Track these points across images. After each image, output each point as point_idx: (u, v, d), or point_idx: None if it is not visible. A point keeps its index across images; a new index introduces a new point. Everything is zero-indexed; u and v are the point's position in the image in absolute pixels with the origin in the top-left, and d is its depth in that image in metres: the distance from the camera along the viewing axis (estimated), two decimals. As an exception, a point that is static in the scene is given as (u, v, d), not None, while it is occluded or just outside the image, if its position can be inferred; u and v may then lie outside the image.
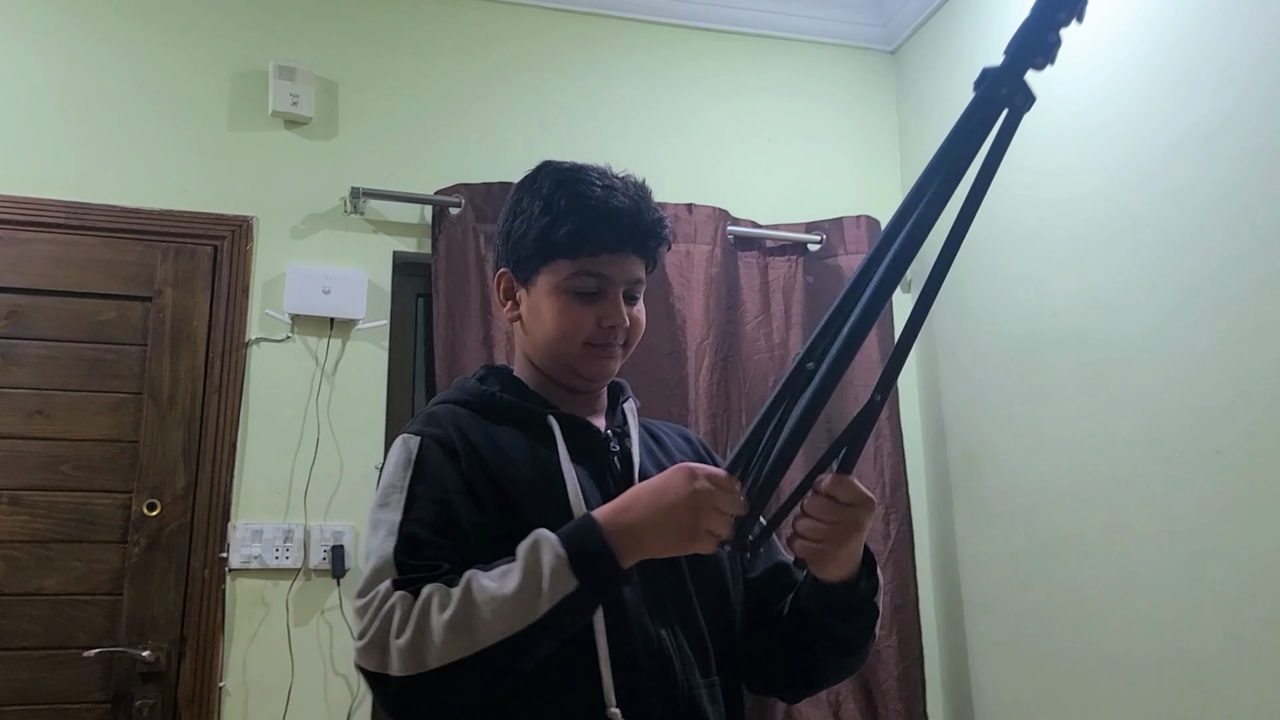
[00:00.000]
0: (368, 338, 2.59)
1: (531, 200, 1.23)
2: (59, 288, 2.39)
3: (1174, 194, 2.08)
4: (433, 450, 1.14)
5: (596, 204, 1.18)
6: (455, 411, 1.20)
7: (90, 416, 2.37)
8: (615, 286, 1.21)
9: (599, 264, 1.20)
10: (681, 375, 2.68)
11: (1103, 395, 2.24)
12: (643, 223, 1.22)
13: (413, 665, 0.98)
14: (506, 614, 0.96)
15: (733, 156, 2.98)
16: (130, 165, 2.51)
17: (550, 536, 1.01)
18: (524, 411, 1.22)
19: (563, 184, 1.21)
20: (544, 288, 1.22)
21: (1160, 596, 2.05)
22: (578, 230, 1.18)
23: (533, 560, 0.99)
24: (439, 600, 0.99)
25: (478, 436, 1.17)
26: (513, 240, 1.25)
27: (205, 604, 2.33)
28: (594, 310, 1.21)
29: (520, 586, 0.97)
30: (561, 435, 1.20)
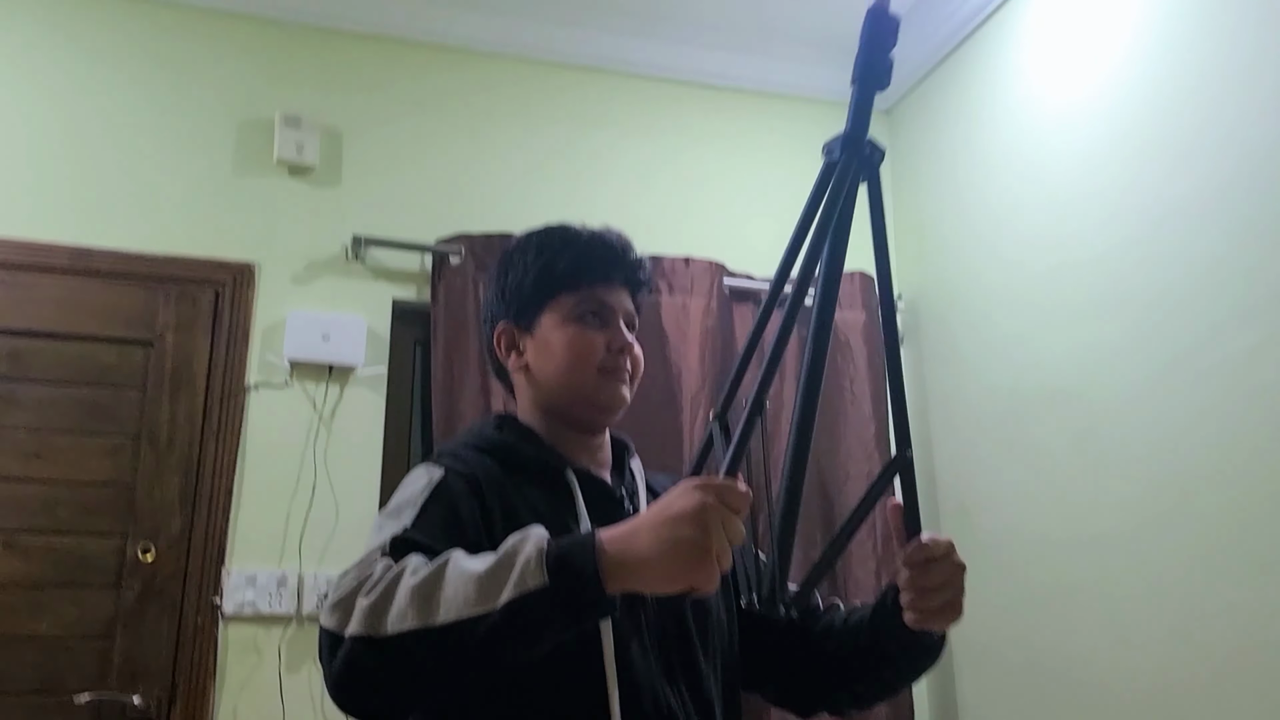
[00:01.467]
0: (366, 384, 2.60)
1: (523, 253, 1.30)
2: (61, 331, 2.41)
3: (1160, 261, 2.13)
4: (456, 481, 1.12)
5: (589, 240, 1.30)
6: (478, 457, 1.20)
7: (87, 460, 2.37)
8: (615, 314, 1.29)
9: (599, 293, 1.28)
10: (676, 426, 2.70)
11: (1092, 454, 2.27)
12: (630, 258, 1.32)
13: (366, 628, 0.91)
14: (467, 594, 0.89)
15: (729, 210, 3.03)
16: (135, 210, 2.54)
17: (540, 531, 0.95)
18: (542, 465, 1.23)
19: (551, 231, 1.32)
20: (550, 324, 1.27)
21: (1147, 653, 2.07)
22: (575, 261, 1.27)
23: (512, 549, 0.92)
24: (414, 567, 0.93)
25: (502, 485, 1.17)
26: (509, 292, 1.30)
27: (197, 650, 2.32)
28: (602, 335, 1.27)
29: (489, 570, 0.90)
30: (581, 494, 1.21)
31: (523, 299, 1.29)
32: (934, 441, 2.88)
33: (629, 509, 1.27)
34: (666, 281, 2.80)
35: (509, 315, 1.31)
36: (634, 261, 1.32)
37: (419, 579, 0.91)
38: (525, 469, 1.21)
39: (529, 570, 0.89)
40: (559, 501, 1.20)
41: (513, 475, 1.20)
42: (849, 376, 2.88)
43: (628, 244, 1.32)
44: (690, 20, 3.02)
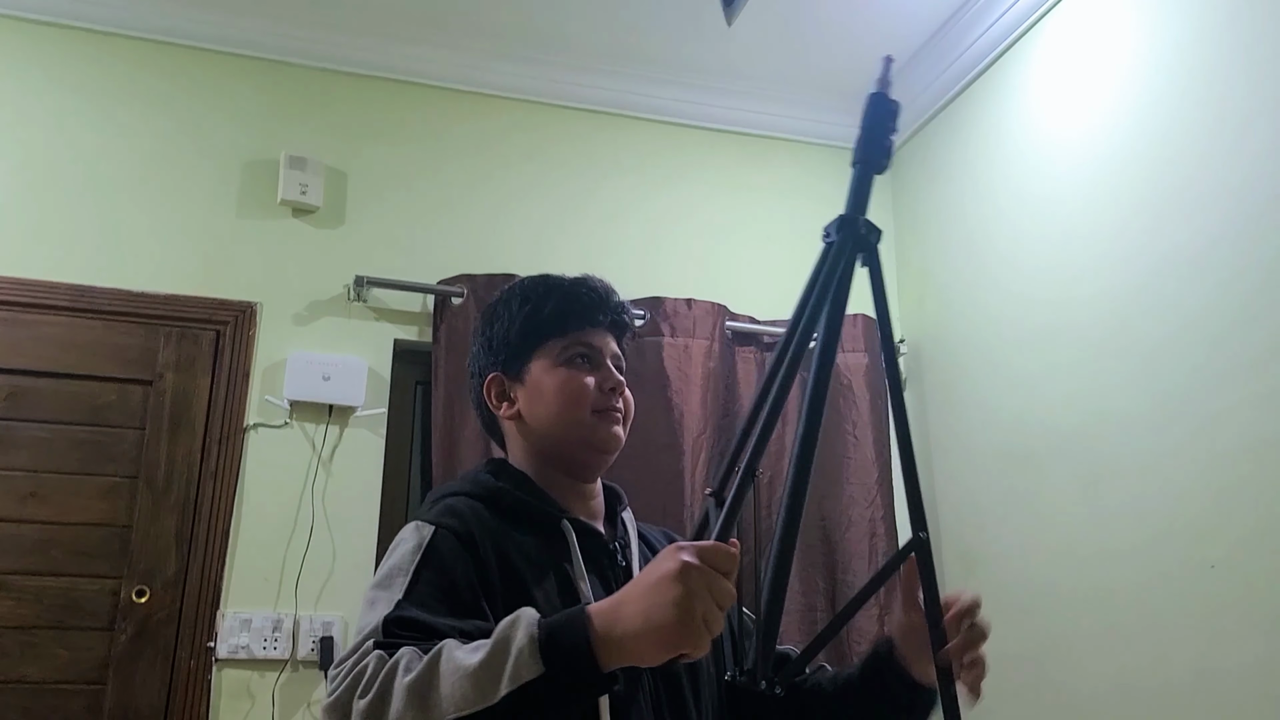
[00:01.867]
0: (366, 425, 2.59)
1: (507, 305, 1.32)
2: (60, 370, 2.40)
3: (1167, 306, 2.12)
4: (447, 540, 1.10)
5: (571, 285, 1.32)
6: (472, 505, 1.18)
7: (84, 500, 2.35)
8: (603, 355, 1.30)
9: (586, 336, 1.29)
10: (678, 469, 2.68)
11: (1098, 503, 2.25)
12: (612, 302, 1.33)
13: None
14: (464, 691, 0.87)
15: (732, 253, 3.03)
16: (138, 250, 2.54)
17: (530, 615, 0.92)
18: (538, 513, 1.22)
19: (534, 281, 1.33)
20: (539, 370, 1.28)
21: (1154, 707, 2.04)
22: (560, 306, 1.29)
23: (504, 637, 0.90)
24: (407, 663, 0.91)
25: (497, 535, 1.15)
26: (497, 343, 1.31)
27: (190, 695, 2.29)
28: (594, 375, 1.27)
29: (484, 663, 0.88)
30: (578, 545, 1.20)
31: (510, 348, 1.30)
32: (936, 488, 2.86)
33: (622, 561, 1.26)
34: (669, 323, 2.80)
35: (498, 365, 1.31)
36: (616, 304, 1.33)
37: (413, 676, 0.90)
38: (521, 517, 1.20)
39: (523, 660, 0.88)
40: (554, 551, 1.19)
41: (507, 523, 1.18)
42: (851, 420, 2.86)
43: (609, 288, 1.34)
44: (696, 66, 3.04)
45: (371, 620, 1.00)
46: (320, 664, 2.36)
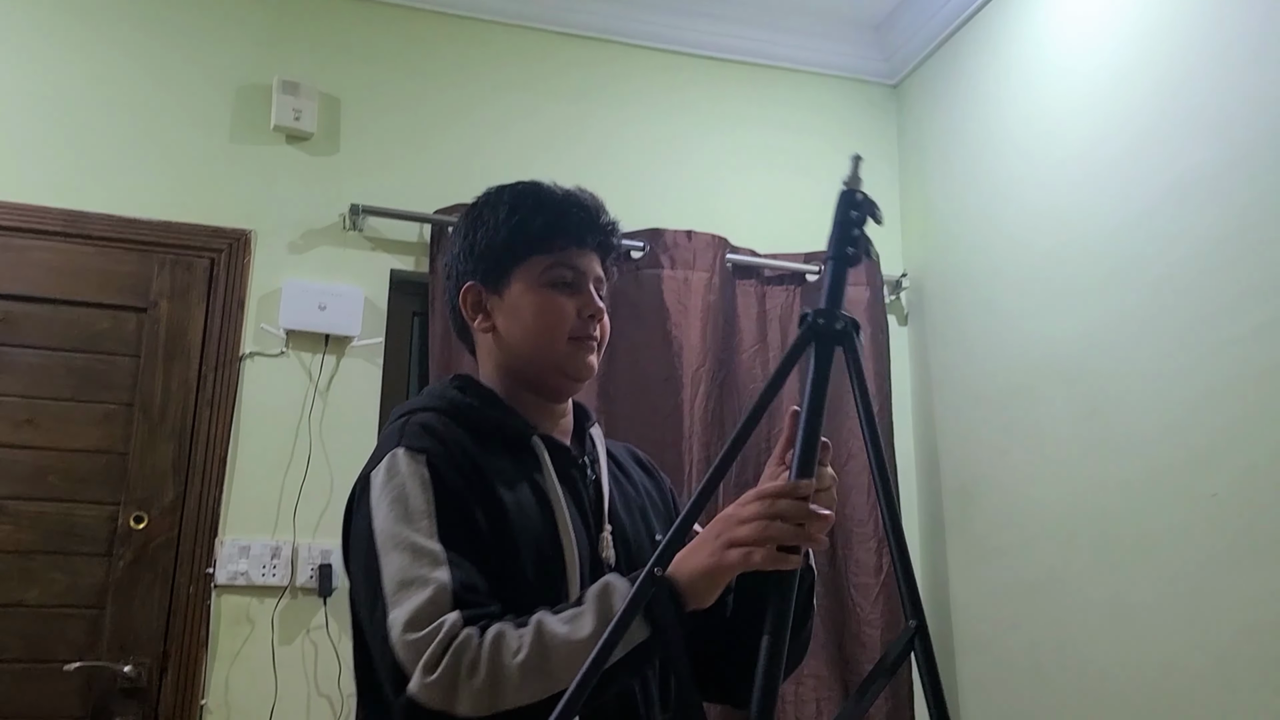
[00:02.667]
0: (362, 355, 2.57)
1: (494, 210, 1.26)
2: (54, 296, 2.38)
3: (1171, 236, 2.09)
4: (446, 471, 1.10)
5: (562, 201, 1.26)
6: (444, 423, 1.16)
7: (79, 427, 2.34)
8: (587, 279, 1.26)
9: (570, 256, 1.24)
10: (676, 402, 2.67)
11: (1098, 435, 2.24)
12: (603, 221, 1.29)
13: (486, 706, 0.96)
14: (581, 659, 0.91)
15: (733, 185, 2.99)
16: (130, 175, 2.50)
17: (620, 583, 1.00)
18: (509, 430, 1.21)
19: (524, 190, 1.27)
20: (519, 287, 1.24)
21: (1152, 638, 2.04)
22: (549, 223, 1.23)
23: (604, 605, 0.98)
24: (510, 642, 0.97)
25: (475, 455, 1.15)
26: (479, 250, 1.26)
27: (189, 620, 2.30)
28: (573, 301, 1.24)
29: (594, 632, 0.97)
30: (550, 461, 1.19)
31: (492, 259, 1.25)
32: (936, 422, 2.85)
33: (591, 475, 1.26)
34: (668, 255, 2.77)
35: (476, 275, 1.27)
36: (607, 225, 1.29)
37: (524, 656, 0.96)
38: (490, 434, 1.19)
39: (631, 627, 0.94)
40: (526, 468, 1.18)
41: (477, 440, 1.17)
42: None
43: (601, 206, 1.29)
44: (696, -9, 2.97)
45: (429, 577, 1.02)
46: (319, 591, 2.37)
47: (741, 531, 0.97)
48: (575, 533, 1.15)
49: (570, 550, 1.13)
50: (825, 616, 2.66)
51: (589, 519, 1.20)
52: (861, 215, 1.05)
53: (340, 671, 2.36)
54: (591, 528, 1.20)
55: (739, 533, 0.97)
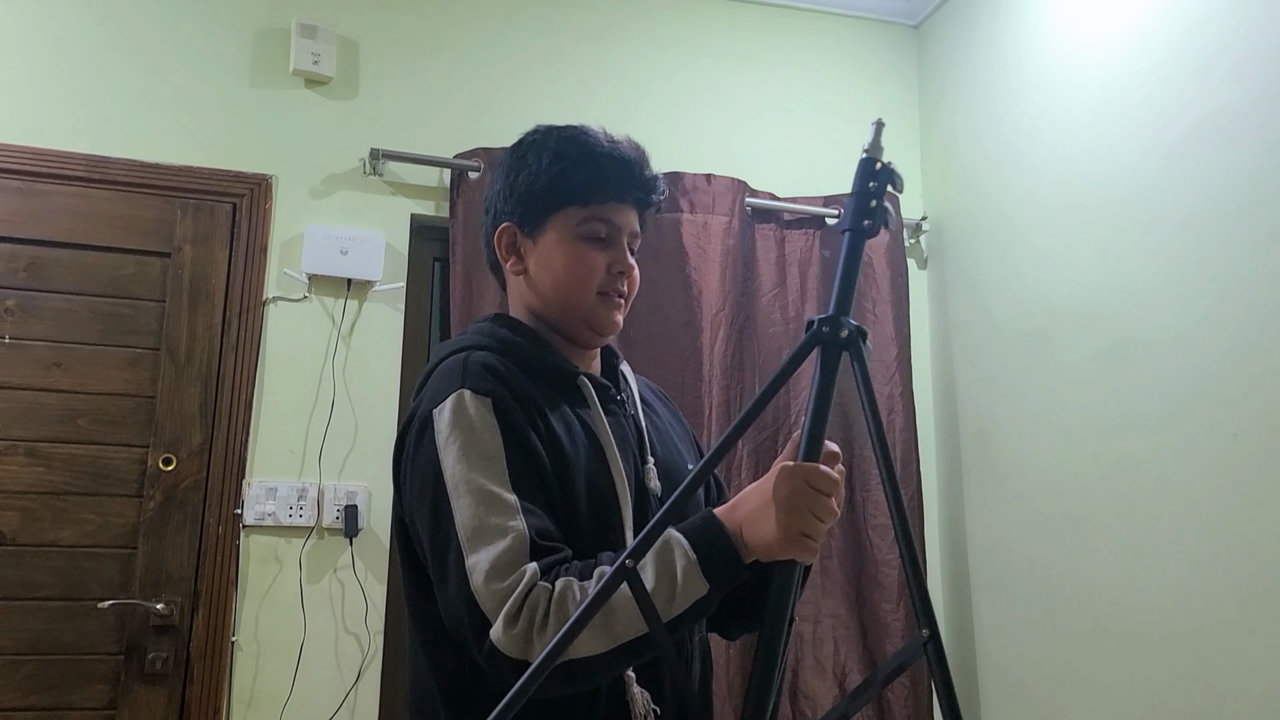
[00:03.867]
0: (384, 300, 2.59)
1: (538, 154, 1.26)
2: (78, 241, 2.39)
3: (1196, 177, 2.07)
4: (511, 412, 1.11)
5: (607, 153, 1.25)
6: (506, 365, 1.17)
7: (107, 371, 2.37)
8: (621, 234, 1.27)
9: (608, 211, 1.25)
10: (696, 346, 2.68)
11: (1119, 377, 2.24)
12: (645, 176, 1.28)
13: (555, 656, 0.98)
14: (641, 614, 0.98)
15: (752, 128, 2.97)
16: (151, 120, 2.50)
17: (680, 539, 1.02)
18: (555, 369, 1.23)
19: (571, 138, 1.26)
20: (554, 236, 1.25)
21: (1170, 579, 2.06)
22: (591, 177, 1.23)
23: (665, 562, 1.01)
24: (575, 595, 1.00)
25: (531, 395, 1.16)
26: (518, 193, 1.26)
27: (219, 559, 2.34)
28: (605, 255, 1.25)
29: (655, 588, 0.99)
30: (598, 399, 1.22)
31: (530, 204, 1.26)
32: (955, 366, 2.86)
33: (631, 413, 1.29)
34: (688, 199, 2.76)
35: (514, 216, 1.28)
36: (649, 181, 1.28)
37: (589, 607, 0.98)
38: (539, 374, 1.21)
39: (690, 582, 1.00)
40: (574, 406, 1.21)
41: (531, 381, 1.19)
42: (871, 298, 2.84)
43: (645, 161, 1.28)
44: (716, -70, 2.93)
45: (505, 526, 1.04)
46: (345, 532, 2.41)
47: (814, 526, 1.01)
48: (624, 467, 1.18)
49: (621, 485, 1.16)
50: (843, 558, 2.69)
51: (632, 453, 1.23)
52: (881, 185, 1.04)
53: (367, 610, 2.41)
54: (635, 461, 1.23)
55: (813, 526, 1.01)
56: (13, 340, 2.32)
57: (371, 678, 2.39)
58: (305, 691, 2.34)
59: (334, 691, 2.36)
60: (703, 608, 1.01)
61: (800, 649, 2.63)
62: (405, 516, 1.18)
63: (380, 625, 2.43)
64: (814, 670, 2.61)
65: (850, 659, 2.64)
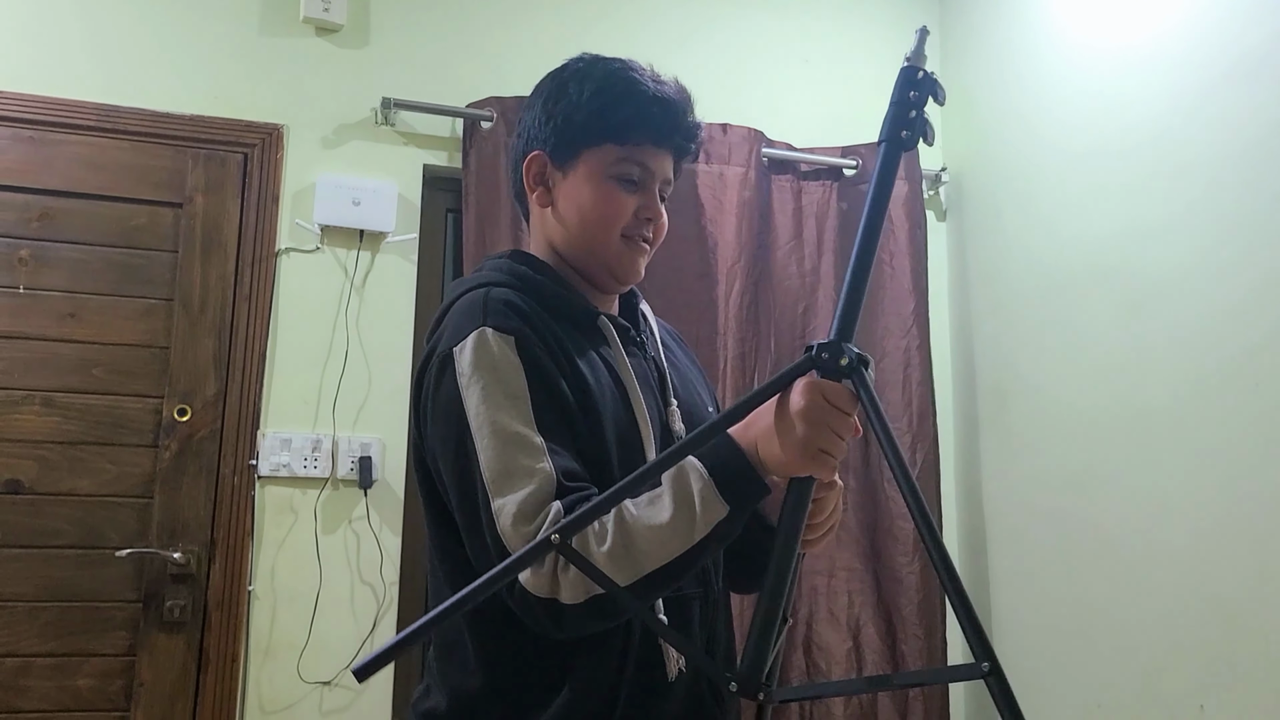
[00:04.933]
0: (397, 251, 2.57)
1: (580, 84, 1.21)
2: (90, 191, 2.38)
3: (1224, 122, 2.02)
4: (534, 350, 1.09)
5: (652, 93, 1.20)
6: (528, 302, 1.14)
7: (121, 321, 2.37)
8: (654, 180, 1.23)
9: (644, 154, 1.20)
10: (711, 298, 2.66)
11: (1139, 328, 2.21)
12: (687, 122, 1.24)
13: (582, 594, 0.98)
14: (664, 542, 0.97)
15: (769, 76, 2.92)
16: (161, 69, 2.48)
17: (694, 462, 1.00)
18: (575, 309, 1.20)
19: (617, 72, 1.21)
20: (585, 172, 1.21)
21: (1189, 532, 2.04)
22: (632, 116, 1.18)
23: (681, 487, 0.99)
24: (595, 533, 0.98)
25: (558, 333, 1.14)
26: (555, 122, 1.21)
27: (235, 510, 2.36)
28: (634, 199, 1.21)
29: (674, 515, 0.98)
30: (618, 338, 1.20)
31: (566, 136, 1.21)
32: (973, 319, 2.82)
33: (652, 354, 1.26)
34: (704, 149, 2.70)
35: (546, 145, 1.23)
36: (690, 128, 1.24)
37: (610, 545, 0.98)
38: (560, 312, 1.18)
39: (709, 505, 0.98)
40: (596, 346, 1.18)
41: (548, 312, 1.17)
42: (888, 250, 2.80)
43: (689, 107, 1.24)
44: (733, -127, 2.86)
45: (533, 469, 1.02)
46: (360, 483, 2.42)
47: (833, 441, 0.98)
48: (647, 406, 1.16)
49: (645, 426, 1.14)
50: (858, 510, 2.68)
51: (654, 395, 1.21)
52: (922, 95, 1.00)
53: (382, 561, 2.42)
54: (659, 403, 1.21)
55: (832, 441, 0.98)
56: (27, 290, 2.33)
57: (387, 627, 2.41)
58: (321, 640, 2.35)
59: (350, 640, 2.37)
60: (727, 529, 0.99)
61: (814, 602, 2.63)
62: (427, 457, 1.16)
63: (395, 576, 2.44)
64: (828, 623, 2.61)
65: (864, 612, 2.64)
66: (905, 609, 2.63)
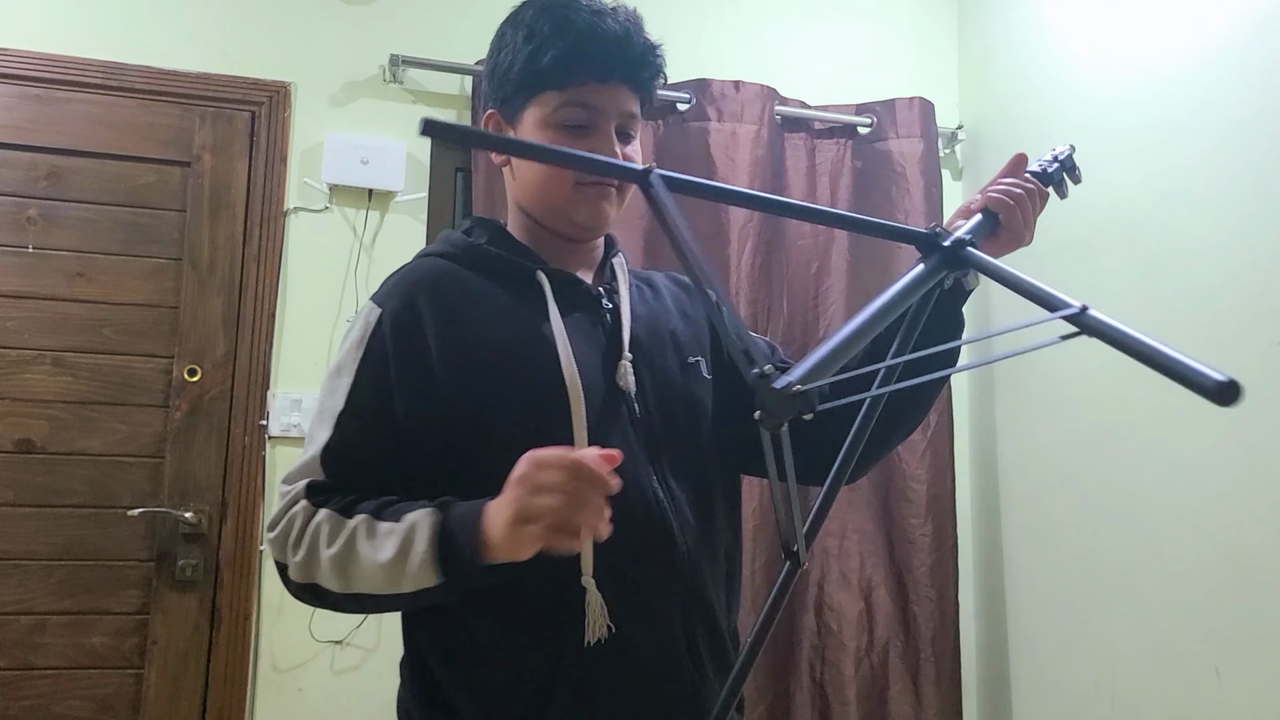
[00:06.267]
0: (406, 210, 2.55)
1: (515, 31, 1.14)
2: (98, 150, 2.37)
3: (1248, 76, 1.97)
4: (388, 327, 1.07)
5: (583, 28, 1.10)
6: (435, 267, 1.12)
7: (131, 281, 2.37)
8: (606, 119, 1.13)
9: (587, 94, 1.11)
10: (723, 257, 2.63)
11: (1160, 287, 2.17)
12: (633, 49, 1.13)
13: (302, 576, 1.02)
14: (376, 577, 0.98)
15: (783, 32, 2.87)
16: (167, 26, 2.45)
17: (429, 523, 0.96)
18: (511, 266, 1.14)
19: (547, 10, 1.12)
20: (530, 124, 1.13)
21: (1207, 492, 2.01)
22: (563, 56, 1.10)
23: (408, 540, 0.96)
24: (328, 532, 1.00)
25: (455, 297, 1.09)
26: (497, 76, 1.16)
27: (245, 469, 2.36)
28: (584, 145, 1.11)
29: (391, 561, 0.96)
30: (551, 293, 1.13)
31: (508, 89, 1.15)
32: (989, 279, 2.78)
33: (608, 305, 1.17)
34: (715, 107, 2.68)
35: (495, 103, 1.18)
36: (638, 55, 1.14)
37: (335, 551, 0.99)
38: (495, 271, 1.13)
39: (423, 570, 0.95)
40: (529, 305, 1.12)
41: (482, 278, 1.12)
42: (904, 210, 2.77)
43: (631, 31, 1.13)
44: None
45: (317, 438, 1.05)
46: (370, 443, 2.41)
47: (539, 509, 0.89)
48: (585, 366, 1.09)
49: (574, 386, 1.07)
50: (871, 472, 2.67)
51: (601, 349, 1.14)
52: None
53: (393, 520, 2.41)
54: (605, 358, 1.13)
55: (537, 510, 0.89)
56: (36, 250, 2.32)
57: (398, 586, 2.41)
58: (333, 599, 2.36)
59: (361, 599, 2.38)
60: (436, 597, 0.98)
61: (826, 563, 2.62)
62: None
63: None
64: (839, 584, 2.60)
65: (876, 574, 2.63)
66: (918, 570, 2.62)
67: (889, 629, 2.61)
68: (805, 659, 2.58)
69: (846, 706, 2.53)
